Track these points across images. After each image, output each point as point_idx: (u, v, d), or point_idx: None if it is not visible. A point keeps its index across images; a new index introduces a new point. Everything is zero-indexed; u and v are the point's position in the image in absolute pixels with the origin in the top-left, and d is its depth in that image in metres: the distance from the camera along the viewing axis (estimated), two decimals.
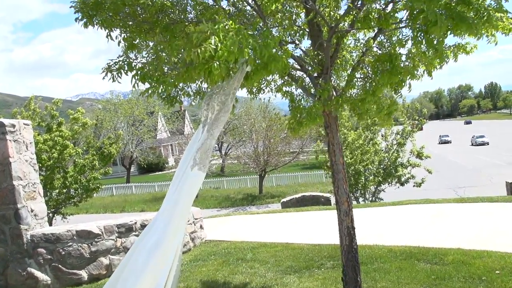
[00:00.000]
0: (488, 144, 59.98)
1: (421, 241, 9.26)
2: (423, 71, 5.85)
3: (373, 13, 4.68)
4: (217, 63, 3.69)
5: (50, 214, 18.55)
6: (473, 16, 4.04)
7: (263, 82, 6.55)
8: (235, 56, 3.75)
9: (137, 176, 60.53)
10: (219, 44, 3.65)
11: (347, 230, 5.85)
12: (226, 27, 3.80)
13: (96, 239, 9.03)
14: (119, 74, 4.48)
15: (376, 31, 5.52)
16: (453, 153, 53.95)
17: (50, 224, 17.97)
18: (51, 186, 17.68)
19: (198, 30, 3.72)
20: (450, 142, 70.56)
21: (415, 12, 4.19)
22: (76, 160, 18.21)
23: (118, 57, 4.59)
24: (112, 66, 4.46)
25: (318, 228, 11.89)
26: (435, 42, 4.38)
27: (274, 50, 4.13)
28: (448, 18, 3.93)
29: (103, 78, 4.45)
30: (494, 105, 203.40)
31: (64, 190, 18.28)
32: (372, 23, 4.72)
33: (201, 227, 11.42)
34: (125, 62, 4.43)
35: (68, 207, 19.88)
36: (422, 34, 4.33)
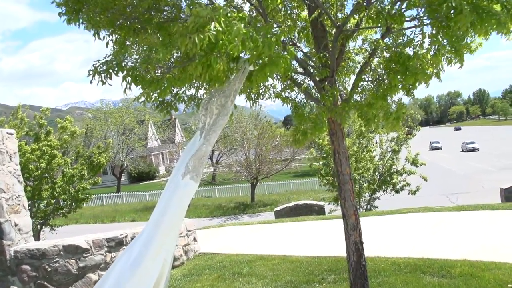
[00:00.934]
0: (478, 150, 60.12)
1: (424, 252, 8.91)
2: (433, 73, 5.50)
3: (386, 9, 4.30)
4: (218, 55, 3.24)
5: (38, 226, 18.13)
6: (499, 11, 3.70)
7: (262, 87, 6.17)
8: (238, 49, 3.31)
9: (127, 185, 59.80)
10: (220, 33, 3.19)
11: (355, 245, 5.47)
12: (228, 14, 3.37)
13: (84, 254, 8.56)
14: (108, 76, 4.05)
15: (384, 31, 5.17)
16: (444, 159, 53.90)
17: (38, 236, 17.51)
18: (39, 197, 17.24)
19: (195, 14, 3.24)
20: (441, 149, 70.70)
21: (433, 6, 3.83)
22: (65, 170, 17.74)
23: (105, 57, 4.15)
24: (99, 67, 4.03)
25: (316, 239, 11.50)
26: (457, 37, 4.01)
27: (275, 48, 3.70)
28: (471, 12, 3.57)
29: (91, 81, 4.00)
30: (482, 111, 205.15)
31: (53, 201, 17.83)
32: (386, 20, 4.32)
33: (194, 239, 10.98)
34: (114, 62, 3.97)
35: (56, 218, 19.40)
36: (438, 33, 3.97)
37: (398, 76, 4.58)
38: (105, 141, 22.93)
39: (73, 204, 18.18)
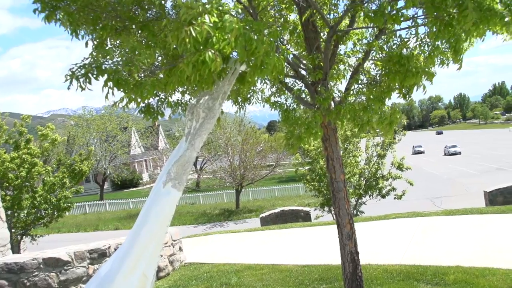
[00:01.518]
0: (460, 154, 60.77)
1: (416, 258, 8.74)
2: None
3: (383, 7, 4.07)
4: (212, 51, 2.97)
5: (18, 236, 17.67)
6: (503, 10, 3.52)
7: (250, 92, 5.95)
8: (231, 46, 3.03)
9: (110, 193, 58.99)
10: (213, 28, 2.91)
11: (350, 255, 5.24)
12: (220, 8, 3.08)
13: (65, 267, 8.20)
14: (87, 80, 3.69)
15: (377, 32, 4.98)
16: (427, 163, 54.27)
17: (19, 247, 17.07)
18: (19, 206, 16.83)
19: (186, 5, 2.95)
20: (424, 153, 71.24)
21: (436, 3, 3.64)
22: (45, 178, 17.31)
23: (83, 60, 3.81)
24: (77, 71, 3.70)
25: (304, 246, 11.28)
26: (457, 36, 3.82)
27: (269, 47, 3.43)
28: (475, 9, 3.39)
29: (68, 87, 3.69)
30: (463, 115, 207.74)
31: (33, 211, 17.37)
32: (385, 19, 4.10)
33: (180, 249, 10.68)
34: (93, 65, 3.65)
35: (37, 228, 18.94)
36: (440, 31, 3.77)
37: (397, 78, 4.37)
38: (87, 148, 22.45)
39: (55, 213, 17.74)
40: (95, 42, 4.10)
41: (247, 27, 3.12)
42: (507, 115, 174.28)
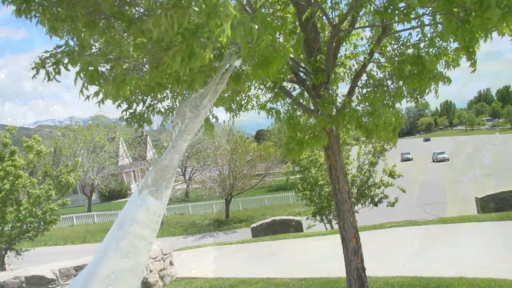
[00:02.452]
0: (448, 160, 60.93)
1: (416, 269, 8.43)
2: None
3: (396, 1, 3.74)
4: (202, 40, 2.55)
5: (3, 251, 17.15)
6: None
7: (244, 98, 5.62)
8: (227, 34, 2.57)
9: (98, 204, 58.17)
10: (204, 12, 2.47)
11: (356, 272, 4.91)
12: None
13: (50, 285, 7.77)
14: (57, 71, 3.26)
15: (380, 32, 4.68)
16: (416, 170, 54.19)
17: (3, 262, 16.62)
18: (3, 220, 16.38)
19: None
20: (412, 159, 71.29)
21: None
22: (30, 190, 16.81)
23: (55, 48, 3.34)
24: (47, 60, 3.25)
25: (299, 258, 10.93)
26: (473, 35, 3.52)
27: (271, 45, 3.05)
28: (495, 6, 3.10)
29: (33, 77, 3.28)
30: (450, 122, 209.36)
31: (18, 224, 16.86)
32: (395, 15, 3.77)
33: (170, 263, 10.28)
34: (65, 54, 3.20)
35: (23, 242, 18.40)
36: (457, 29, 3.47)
37: (413, 81, 4.04)
38: (74, 159, 21.93)
39: (41, 226, 17.26)
40: (77, 43, 3.67)
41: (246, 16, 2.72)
42: (494, 121, 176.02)
